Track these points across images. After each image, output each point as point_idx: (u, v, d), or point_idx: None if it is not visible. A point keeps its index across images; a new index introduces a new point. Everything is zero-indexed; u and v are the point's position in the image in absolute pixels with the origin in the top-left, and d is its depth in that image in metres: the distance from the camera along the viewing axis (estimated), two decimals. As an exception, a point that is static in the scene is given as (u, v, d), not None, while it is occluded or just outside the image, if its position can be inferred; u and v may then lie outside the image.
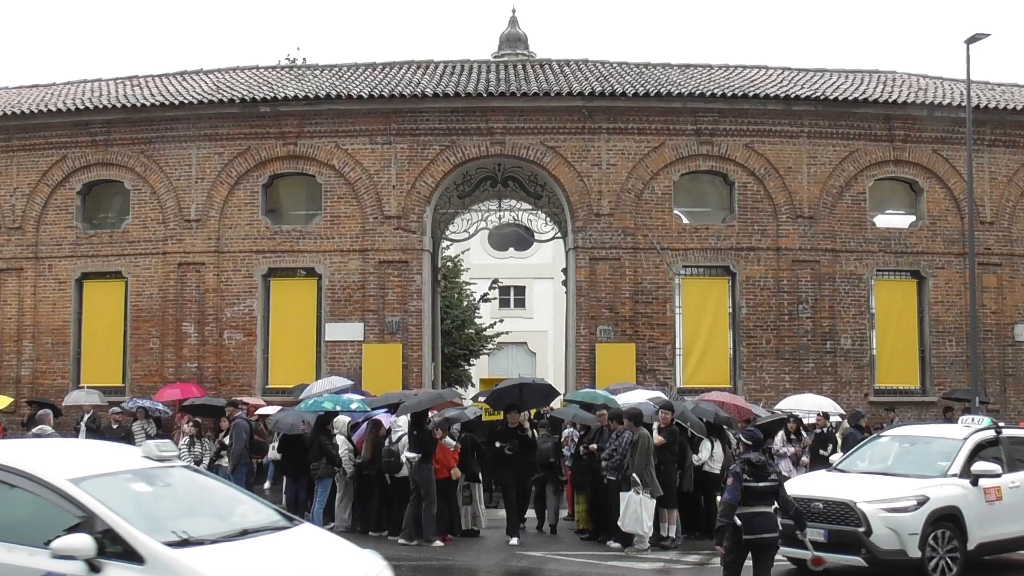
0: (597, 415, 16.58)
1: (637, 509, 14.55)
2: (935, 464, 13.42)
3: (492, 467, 17.38)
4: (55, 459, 7.61)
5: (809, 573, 11.85)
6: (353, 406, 18.07)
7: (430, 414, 16.40)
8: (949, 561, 12.53)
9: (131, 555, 6.65)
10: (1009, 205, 25.28)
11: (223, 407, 19.90)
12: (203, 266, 24.67)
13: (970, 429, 14.02)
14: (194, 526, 7.16)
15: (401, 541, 15.60)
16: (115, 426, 19.86)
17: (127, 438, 19.36)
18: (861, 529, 12.44)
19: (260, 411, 21.32)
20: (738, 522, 10.06)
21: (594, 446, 15.87)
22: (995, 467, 13.07)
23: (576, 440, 16.85)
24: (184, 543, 6.85)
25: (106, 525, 6.74)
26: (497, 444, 16.66)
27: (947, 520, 12.70)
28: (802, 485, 13.50)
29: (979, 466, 13.06)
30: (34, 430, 16.08)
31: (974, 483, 12.99)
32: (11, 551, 6.88)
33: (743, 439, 10.80)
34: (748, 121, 24.65)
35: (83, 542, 6.59)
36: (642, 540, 14.84)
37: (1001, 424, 14.90)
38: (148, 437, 21.02)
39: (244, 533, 7.33)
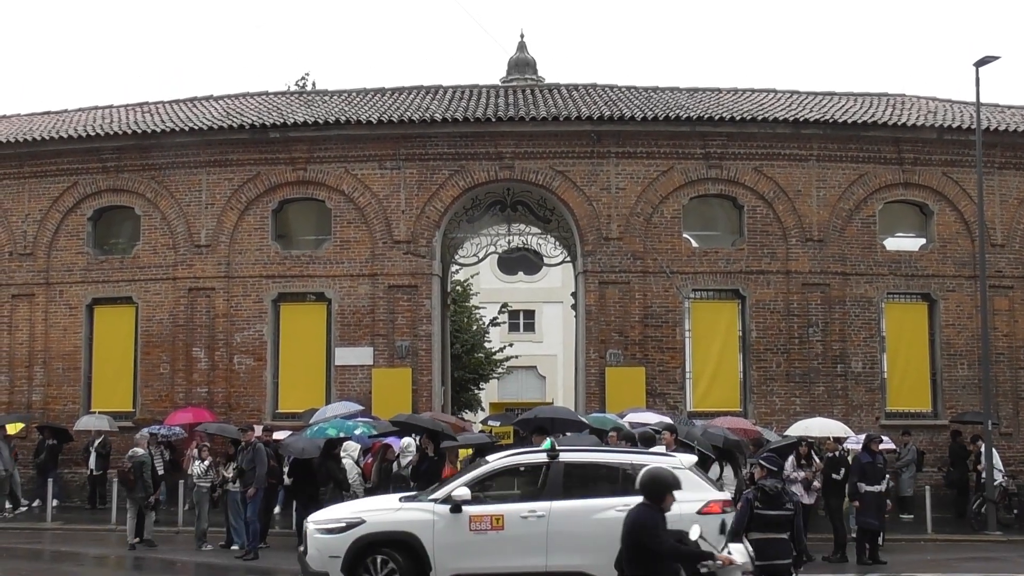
0: (608, 438, 16.50)
1: None
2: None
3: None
4: None
5: None
6: (358, 431, 17.99)
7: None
8: None
9: None
10: (1020, 227, 25.19)
11: (241, 431, 19.68)
12: (213, 291, 24.72)
13: (502, 455, 12.99)
14: None
15: None
16: (140, 452, 19.64)
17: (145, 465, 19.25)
18: (301, 548, 12.31)
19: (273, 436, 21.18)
20: (749, 548, 9.91)
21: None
22: (463, 492, 12.00)
23: None
24: None
25: None
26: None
27: (394, 546, 11.94)
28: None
29: (456, 492, 12.09)
30: (129, 453, 17.74)
31: (456, 509, 11.95)
32: None
33: (764, 463, 10.54)
34: (757, 145, 24.67)
35: None
36: None
37: (561, 448, 13.04)
38: (164, 463, 20.91)
39: None
